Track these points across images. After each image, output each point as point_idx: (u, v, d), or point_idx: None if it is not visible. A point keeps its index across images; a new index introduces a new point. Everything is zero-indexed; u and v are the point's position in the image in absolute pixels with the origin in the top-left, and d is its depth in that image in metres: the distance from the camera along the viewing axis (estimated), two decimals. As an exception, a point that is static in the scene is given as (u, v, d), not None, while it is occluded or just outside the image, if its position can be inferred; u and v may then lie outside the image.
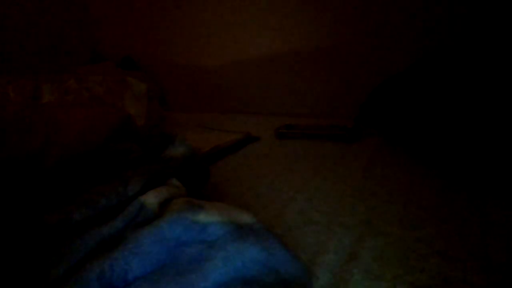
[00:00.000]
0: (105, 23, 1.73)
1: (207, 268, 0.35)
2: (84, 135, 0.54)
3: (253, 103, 1.53)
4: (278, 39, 1.42)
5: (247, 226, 0.41)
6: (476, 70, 0.80)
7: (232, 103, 1.57)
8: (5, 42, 1.36)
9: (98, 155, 0.53)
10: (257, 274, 0.36)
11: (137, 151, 0.58)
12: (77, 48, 1.66)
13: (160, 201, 0.45)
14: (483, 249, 0.46)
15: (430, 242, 0.48)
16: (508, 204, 0.58)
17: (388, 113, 0.97)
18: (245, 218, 0.43)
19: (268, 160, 0.87)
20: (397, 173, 0.74)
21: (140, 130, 0.64)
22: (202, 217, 0.41)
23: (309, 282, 0.40)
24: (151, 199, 0.45)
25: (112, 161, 0.54)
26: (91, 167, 0.52)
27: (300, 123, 1.15)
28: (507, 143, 0.66)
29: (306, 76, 1.41)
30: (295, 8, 1.36)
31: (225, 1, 1.47)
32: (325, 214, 0.58)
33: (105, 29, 1.73)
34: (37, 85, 1.04)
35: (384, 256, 0.45)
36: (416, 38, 1.20)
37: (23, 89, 1.02)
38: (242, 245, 0.37)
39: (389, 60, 1.23)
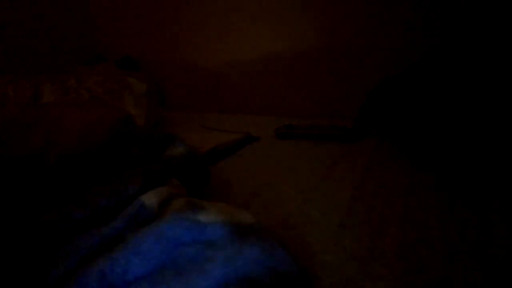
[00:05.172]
0: (105, 23, 1.73)
1: (207, 268, 0.35)
2: (84, 135, 0.54)
3: (253, 103, 1.53)
4: (278, 39, 1.42)
5: (247, 226, 0.41)
6: (475, 71, 0.80)
7: (232, 103, 1.56)
8: (5, 42, 1.36)
9: (98, 155, 0.53)
10: (257, 274, 0.36)
11: (137, 151, 0.58)
12: (77, 48, 1.66)
13: (160, 201, 0.45)
14: (483, 249, 0.46)
15: (430, 242, 0.48)
16: (508, 204, 0.58)
17: (388, 113, 0.97)
18: (245, 218, 0.43)
19: (268, 160, 0.87)
20: (397, 173, 0.74)
21: (140, 130, 0.64)
22: (202, 217, 0.41)
23: (308, 282, 0.40)
24: (151, 199, 0.45)
25: (112, 161, 0.54)
26: (91, 167, 0.52)
27: (300, 123, 1.14)
28: (506, 143, 0.66)
29: (306, 76, 1.41)
30: (295, 8, 1.36)
31: (225, 1, 1.47)
32: (325, 214, 0.57)
33: (105, 29, 1.73)
34: (37, 85, 1.04)
35: (384, 256, 0.45)
36: (416, 39, 1.20)
37: (23, 89, 1.02)
38: (242, 245, 0.38)
39: (389, 60, 1.23)
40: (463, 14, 1.13)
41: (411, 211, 0.58)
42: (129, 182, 0.47)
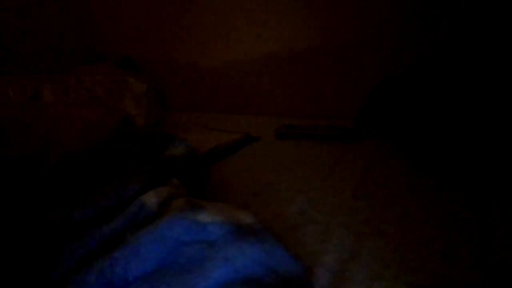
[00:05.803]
0: (105, 23, 1.73)
1: (207, 268, 0.35)
2: (84, 135, 0.54)
3: (253, 103, 1.52)
4: (278, 40, 1.42)
5: (247, 226, 0.41)
6: (475, 71, 0.80)
7: (232, 103, 1.56)
8: (5, 42, 1.36)
9: (98, 155, 0.53)
10: (257, 274, 0.36)
11: (137, 151, 0.58)
12: (77, 48, 1.66)
13: (160, 201, 0.45)
14: (483, 249, 0.46)
15: (430, 242, 0.48)
16: (508, 204, 0.58)
17: (388, 113, 0.97)
18: (245, 218, 0.43)
19: (268, 160, 0.87)
20: (397, 173, 0.74)
21: (140, 130, 0.64)
22: (202, 217, 0.41)
23: (308, 282, 0.40)
24: (151, 199, 0.45)
25: (112, 161, 0.54)
26: (91, 167, 0.52)
27: (300, 123, 1.14)
28: (506, 143, 0.66)
29: (306, 76, 1.41)
30: (295, 8, 1.35)
31: (225, 1, 1.47)
32: (325, 214, 0.57)
33: (105, 29, 1.73)
34: (37, 85, 1.04)
35: (384, 256, 0.45)
36: (416, 39, 1.20)
37: (23, 89, 1.02)
38: (242, 245, 0.38)
39: (389, 60, 1.23)
40: (463, 14, 1.13)
41: (411, 211, 0.58)
42: (129, 182, 0.47)
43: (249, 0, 1.42)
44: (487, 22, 1.05)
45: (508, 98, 0.70)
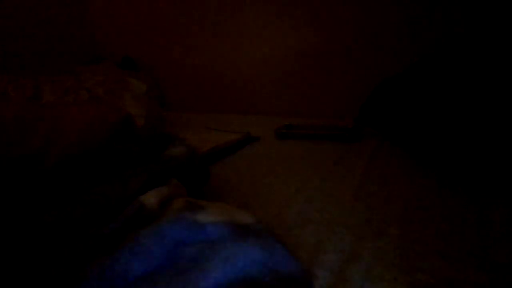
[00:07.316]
0: (105, 23, 1.73)
1: (207, 268, 0.35)
2: (84, 135, 0.54)
3: (253, 103, 1.53)
4: (277, 40, 1.42)
5: (247, 226, 0.41)
6: (474, 71, 0.80)
7: (232, 103, 1.56)
8: (5, 42, 1.36)
9: (98, 155, 0.53)
10: (257, 274, 0.36)
11: (137, 151, 0.58)
12: (77, 48, 1.66)
13: (160, 201, 0.45)
14: (483, 249, 0.46)
15: (430, 242, 0.48)
16: (508, 204, 0.58)
17: (388, 113, 0.97)
18: (245, 218, 0.43)
19: (268, 160, 0.87)
20: (397, 173, 0.74)
21: (140, 130, 0.64)
22: (202, 217, 0.41)
23: (309, 282, 0.40)
24: (151, 199, 0.45)
25: (112, 161, 0.54)
26: (91, 167, 0.52)
27: (300, 123, 1.14)
28: (506, 143, 0.66)
29: (306, 76, 1.41)
30: (295, 8, 1.36)
31: (225, 2, 1.47)
32: (325, 214, 0.57)
33: (105, 29, 1.73)
34: (37, 85, 1.04)
35: (384, 256, 0.45)
36: (416, 39, 1.20)
37: (23, 89, 1.02)
38: (242, 245, 0.37)
39: (389, 60, 1.23)
40: (463, 14, 1.13)
41: (411, 211, 0.58)
42: (129, 182, 0.47)
43: (249, 1, 1.43)
44: (486, 22, 1.05)
45: (507, 98, 0.70)
